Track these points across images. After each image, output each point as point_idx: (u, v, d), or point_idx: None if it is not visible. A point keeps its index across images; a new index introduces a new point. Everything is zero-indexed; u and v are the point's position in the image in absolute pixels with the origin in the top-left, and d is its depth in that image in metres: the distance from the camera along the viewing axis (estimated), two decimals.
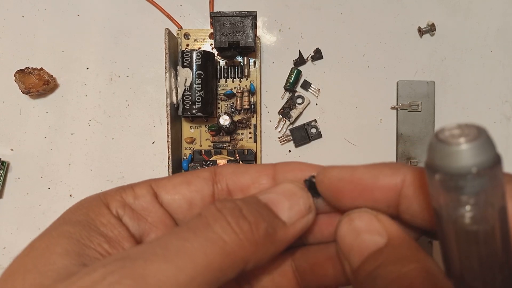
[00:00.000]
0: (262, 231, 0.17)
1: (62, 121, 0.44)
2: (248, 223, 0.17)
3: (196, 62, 0.39)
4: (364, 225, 0.18)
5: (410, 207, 0.18)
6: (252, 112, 0.43)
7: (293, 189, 0.20)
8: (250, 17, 0.39)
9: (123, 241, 0.18)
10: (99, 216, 0.19)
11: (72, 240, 0.17)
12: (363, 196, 0.19)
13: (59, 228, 0.18)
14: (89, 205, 0.19)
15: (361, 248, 0.18)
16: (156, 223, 0.20)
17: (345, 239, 0.19)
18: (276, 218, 0.18)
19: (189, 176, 0.21)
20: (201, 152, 0.42)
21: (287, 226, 0.19)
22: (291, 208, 0.19)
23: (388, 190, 0.18)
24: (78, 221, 0.18)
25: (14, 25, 0.44)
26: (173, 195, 0.21)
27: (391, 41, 0.44)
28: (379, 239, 0.18)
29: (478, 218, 0.14)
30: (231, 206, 0.18)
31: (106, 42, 0.44)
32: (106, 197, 0.20)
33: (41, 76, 0.42)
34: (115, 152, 0.44)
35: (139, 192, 0.20)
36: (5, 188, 0.43)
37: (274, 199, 0.19)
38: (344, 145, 0.44)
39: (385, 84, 0.44)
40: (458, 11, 0.44)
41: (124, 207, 0.19)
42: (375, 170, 0.19)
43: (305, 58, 0.44)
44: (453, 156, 0.13)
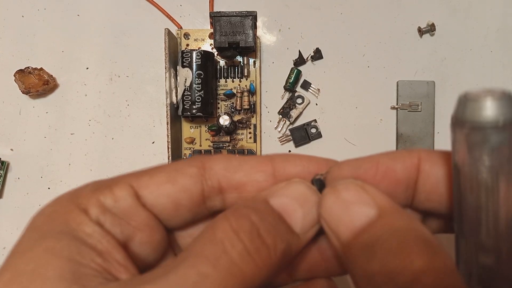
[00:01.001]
0: (279, 253, 0.17)
1: (62, 121, 0.44)
2: (266, 247, 0.16)
3: (196, 62, 0.39)
4: (351, 196, 0.18)
5: (427, 182, 0.18)
6: (252, 112, 0.43)
7: (306, 192, 0.19)
8: (250, 17, 0.39)
9: (114, 252, 0.17)
10: (81, 226, 0.16)
11: (62, 259, 0.15)
12: (386, 180, 0.18)
13: (41, 244, 0.15)
14: (64, 211, 0.17)
15: (351, 221, 0.17)
16: (140, 227, 0.18)
17: (332, 212, 0.18)
18: (291, 233, 0.18)
19: (174, 173, 0.19)
20: (201, 152, 0.42)
21: (300, 239, 0.18)
22: (305, 218, 0.18)
23: (408, 168, 0.18)
24: (61, 233, 0.16)
25: (14, 25, 0.44)
26: (157, 196, 0.19)
27: (391, 41, 0.44)
28: (370, 211, 0.17)
29: (499, 172, 0.15)
30: (248, 226, 0.17)
31: (106, 42, 0.44)
32: (82, 200, 0.17)
33: (41, 76, 0.42)
34: (115, 152, 0.44)
35: (119, 194, 0.18)
36: (5, 188, 0.43)
37: (287, 207, 0.18)
38: (344, 145, 0.44)
39: (385, 84, 0.44)
40: (458, 11, 0.44)
41: (104, 213, 0.17)
42: (391, 154, 0.19)
43: (305, 58, 0.44)
44: (483, 109, 0.14)
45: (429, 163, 0.18)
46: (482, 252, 0.16)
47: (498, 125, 0.14)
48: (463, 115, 0.15)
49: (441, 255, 0.15)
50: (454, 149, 0.16)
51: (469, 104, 0.15)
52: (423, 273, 0.14)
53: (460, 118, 0.15)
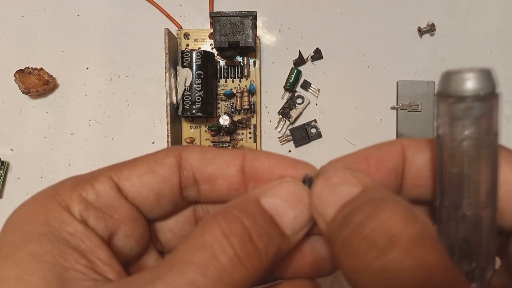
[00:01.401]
0: (270, 257, 0.17)
1: (62, 121, 0.44)
2: (258, 253, 0.16)
3: (196, 62, 0.39)
4: (339, 180, 0.18)
5: (412, 167, 0.19)
6: (252, 112, 0.43)
7: (298, 193, 0.19)
8: (250, 17, 0.39)
9: (98, 251, 0.17)
10: (63, 225, 0.16)
11: (46, 264, 0.15)
12: (378, 171, 0.19)
13: (24, 248, 0.15)
14: (45, 210, 0.16)
15: (336, 199, 0.17)
16: (123, 220, 0.18)
17: (320, 195, 0.18)
18: (282, 236, 0.18)
19: (153, 164, 0.19)
20: None
21: (290, 241, 0.18)
22: (296, 219, 0.18)
23: (395, 157, 0.19)
24: (42, 235, 0.15)
25: (14, 25, 0.44)
26: (139, 188, 0.19)
27: (391, 41, 0.44)
28: (354, 189, 0.17)
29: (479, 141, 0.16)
30: (240, 232, 0.16)
31: (106, 42, 0.44)
32: (63, 197, 0.17)
33: (41, 76, 0.42)
34: (115, 152, 0.44)
35: (100, 189, 0.18)
36: (5, 188, 0.43)
37: (279, 209, 0.18)
38: (344, 145, 0.44)
39: (385, 84, 0.44)
40: (458, 11, 0.44)
41: (87, 208, 0.17)
42: (378, 146, 0.20)
43: (305, 58, 0.44)
44: (465, 81, 0.15)
45: (412, 149, 0.19)
46: (463, 223, 0.16)
47: (479, 96, 0.15)
48: (447, 88, 0.16)
49: (421, 221, 0.15)
50: (437, 123, 0.17)
51: (452, 77, 0.16)
52: (400, 234, 0.14)
53: (444, 91, 0.16)
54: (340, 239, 0.16)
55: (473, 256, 0.17)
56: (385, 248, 0.14)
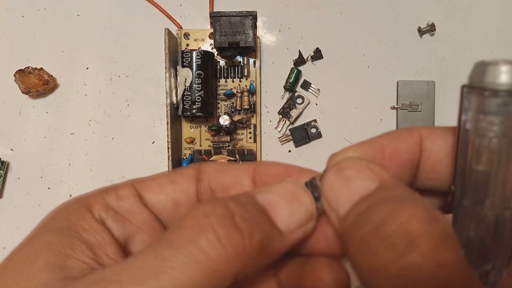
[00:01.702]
0: (255, 243, 0.16)
1: (62, 121, 0.44)
2: (240, 234, 0.15)
3: (196, 62, 0.39)
4: (353, 173, 0.17)
5: (429, 160, 0.18)
6: (252, 112, 0.43)
7: (296, 191, 0.18)
8: (250, 17, 0.39)
9: (106, 247, 0.17)
10: (80, 221, 0.17)
11: (53, 251, 0.16)
12: (392, 163, 0.18)
13: (40, 237, 0.17)
14: (70, 210, 0.18)
15: (350, 193, 0.17)
16: (141, 225, 0.19)
17: (333, 187, 0.17)
18: (273, 227, 0.17)
19: (173, 175, 0.20)
20: (201, 152, 0.42)
21: (284, 236, 0.17)
22: (291, 216, 0.17)
23: (412, 148, 0.18)
24: (59, 228, 0.17)
25: (14, 25, 0.44)
26: (158, 195, 0.19)
27: (391, 41, 0.44)
28: (371, 184, 0.16)
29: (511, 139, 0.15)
30: (222, 211, 0.16)
31: (106, 42, 0.44)
32: (88, 200, 0.18)
33: (41, 76, 0.42)
34: (115, 152, 0.44)
35: (122, 194, 0.19)
36: (5, 188, 0.43)
37: (273, 203, 0.17)
38: (344, 145, 0.43)
39: (385, 84, 0.44)
40: (458, 11, 0.44)
41: (107, 210, 0.18)
42: (393, 134, 0.19)
43: (305, 58, 0.44)
44: (504, 73, 0.14)
45: (430, 140, 0.18)
46: (484, 223, 0.15)
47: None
48: (481, 80, 0.15)
49: (441, 222, 0.14)
50: (464, 116, 0.16)
51: (488, 68, 0.15)
52: (420, 237, 0.14)
53: (479, 83, 0.15)
54: (357, 238, 0.15)
55: (491, 257, 0.16)
56: (405, 251, 0.14)
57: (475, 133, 0.15)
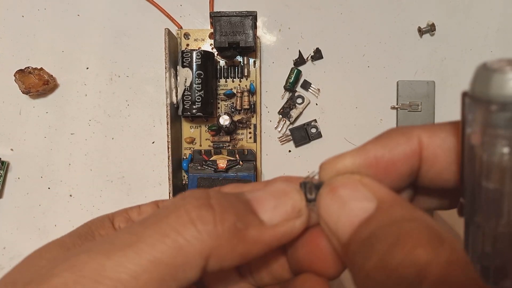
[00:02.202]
0: (228, 224, 0.15)
1: (62, 121, 0.44)
2: (212, 213, 0.15)
3: (196, 62, 0.39)
4: (348, 193, 0.16)
5: (431, 169, 0.17)
6: (252, 112, 0.43)
7: (285, 189, 0.18)
8: (250, 17, 0.39)
9: None
10: (99, 228, 0.19)
11: (63, 248, 0.17)
12: (387, 175, 0.17)
13: (57, 240, 0.18)
14: (95, 221, 0.19)
15: (349, 218, 0.16)
16: None
17: (329, 211, 0.17)
18: (251, 214, 0.16)
19: None
20: (201, 152, 0.42)
21: (264, 226, 0.16)
22: (276, 208, 0.17)
23: (409, 157, 0.17)
24: (78, 233, 0.18)
25: (14, 25, 0.44)
26: None
27: (391, 41, 0.44)
28: (368, 205, 0.16)
29: None
30: (199, 194, 0.16)
31: (106, 42, 0.44)
32: (114, 215, 0.20)
33: (41, 76, 0.42)
34: (115, 152, 0.44)
35: (144, 209, 0.20)
36: (5, 188, 0.43)
37: (259, 197, 0.17)
38: (344, 145, 0.44)
39: (385, 84, 0.44)
40: (458, 11, 0.44)
41: (127, 222, 0.19)
42: (387, 142, 0.17)
43: (305, 58, 0.44)
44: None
45: (432, 148, 0.17)
46: (500, 241, 0.14)
47: None
48: (487, 91, 0.13)
49: (448, 244, 0.14)
50: (469, 129, 0.14)
51: (494, 78, 0.13)
52: (429, 266, 0.13)
53: (483, 94, 0.13)
54: (364, 271, 0.14)
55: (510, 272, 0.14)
56: (414, 283, 0.13)
57: (483, 148, 0.14)
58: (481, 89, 0.13)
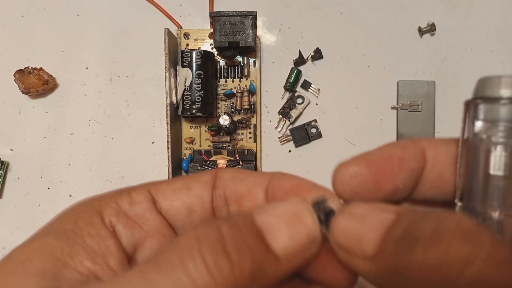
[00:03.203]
0: (246, 272, 0.15)
1: (62, 121, 0.44)
2: (229, 262, 0.15)
3: (196, 62, 0.39)
4: (365, 210, 0.16)
5: (433, 169, 0.19)
6: (252, 112, 0.43)
7: (299, 212, 0.17)
8: (250, 16, 0.39)
9: (109, 257, 0.17)
10: (88, 226, 0.17)
11: (51, 257, 0.16)
12: (402, 172, 0.18)
13: (42, 239, 0.16)
14: (81, 211, 0.18)
15: (373, 228, 0.15)
16: (152, 232, 0.18)
17: (348, 229, 0.16)
18: (267, 253, 0.16)
19: (189, 180, 0.20)
20: (201, 152, 0.42)
21: (279, 262, 0.16)
22: (290, 240, 0.16)
23: (417, 157, 0.19)
24: (64, 231, 0.17)
25: (14, 25, 0.44)
26: (172, 201, 0.19)
27: (391, 41, 0.44)
28: (389, 215, 0.16)
29: None
30: (214, 236, 0.15)
31: (106, 42, 0.44)
32: (101, 203, 0.18)
33: (41, 76, 0.42)
34: (115, 152, 0.44)
35: (135, 198, 0.19)
36: (4, 188, 0.43)
37: (271, 224, 0.16)
38: (344, 145, 0.44)
39: (385, 84, 0.44)
40: (458, 11, 0.44)
41: (118, 215, 0.18)
42: (399, 144, 0.19)
43: (305, 58, 0.44)
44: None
45: (432, 150, 0.19)
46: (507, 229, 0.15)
47: None
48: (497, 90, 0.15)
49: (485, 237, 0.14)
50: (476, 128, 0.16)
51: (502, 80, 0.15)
52: (471, 263, 0.13)
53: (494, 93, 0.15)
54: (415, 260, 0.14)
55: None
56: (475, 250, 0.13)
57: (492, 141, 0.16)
58: (489, 90, 0.16)
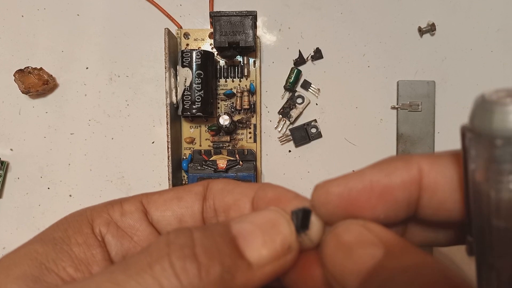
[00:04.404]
0: (213, 276, 0.15)
1: (62, 121, 0.44)
2: (196, 266, 0.14)
3: (196, 61, 0.39)
4: (354, 238, 0.15)
5: (433, 199, 0.16)
6: (252, 112, 0.43)
7: (275, 220, 0.16)
8: (250, 16, 0.39)
9: (93, 265, 0.17)
10: (76, 234, 0.17)
11: (35, 262, 0.16)
12: (382, 202, 0.16)
13: (30, 246, 0.17)
14: (72, 220, 0.18)
15: (356, 265, 0.15)
16: (141, 242, 0.19)
17: (335, 259, 0.16)
18: (238, 259, 0.15)
19: (181, 191, 0.20)
20: (201, 152, 0.42)
21: (252, 269, 0.15)
22: (264, 246, 0.16)
23: (408, 184, 0.16)
24: (52, 239, 0.17)
25: (14, 25, 0.44)
26: (163, 211, 0.19)
27: (391, 41, 0.44)
28: (376, 251, 0.15)
29: None
30: (183, 241, 0.15)
31: (106, 42, 0.44)
32: (93, 213, 0.18)
33: (41, 76, 0.42)
34: (114, 152, 0.44)
35: (127, 209, 0.19)
36: (4, 188, 0.43)
37: (246, 232, 0.16)
38: (344, 145, 0.44)
39: (385, 84, 0.44)
40: (458, 11, 0.44)
41: (108, 225, 0.18)
42: (384, 167, 0.16)
43: (305, 58, 0.44)
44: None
45: (433, 174, 0.16)
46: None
47: None
48: (489, 126, 0.12)
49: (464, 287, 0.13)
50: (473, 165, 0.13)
51: (496, 111, 0.12)
52: None
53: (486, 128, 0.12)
54: None
55: None
56: None
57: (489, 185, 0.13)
58: (482, 123, 0.12)
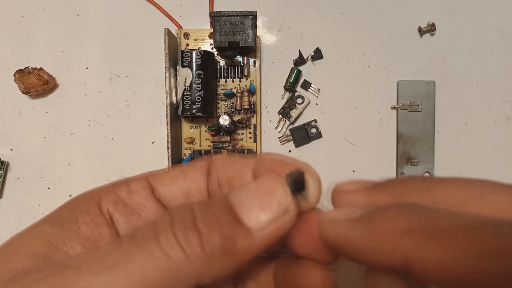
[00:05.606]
0: (215, 244, 0.15)
1: (62, 121, 0.44)
2: (198, 236, 0.15)
3: (196, 62, 0.39)
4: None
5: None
6: (252, 112, 0.43)
7: (271, 185, 0.17)
8: (250, 16, 0.39)
9: (101, 243, 0.18)
10: (83, 214, 0.18)
11: (44, 241, 0.17)
12: None
13: (39, 226, 0.17)
14: (79, 201, 0.19)
15: None
16: (150, 219, 0.19)
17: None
18: (237, 226, 0.16)
19: (186, 167, 0.21)
20: (201, 152, 0.42)
21: (251, 235, 0.16)
22: (261, 211, 0.16)
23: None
24: (61, 219, 0.18)
25: (14, 25, 0.44)
26: (170, 187, 0.20)
27: (391, 41, 0.44)
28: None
29: None
30: (185, 215, 0.16)
31: (106, 42, 0.44)
32: (100, 193, 0.19)
33: (41, 76, 0.42)
34: (114, 152, 0.44)
35: (133, 187, 0.19)
36: (4, 188, 0.43)
37: (243, 200, 0.16)
38: (344, 145, 0.44)
39: (385, 84, 0.44)
40: (458, 11, 0.44)
41: (115, 203, 0.19)
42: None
43: (305, 58, 0.44)
44: None
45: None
46: None
47: None
48: None
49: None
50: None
51: None
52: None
53: None
54: None
55: None
56: None
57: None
58: None
